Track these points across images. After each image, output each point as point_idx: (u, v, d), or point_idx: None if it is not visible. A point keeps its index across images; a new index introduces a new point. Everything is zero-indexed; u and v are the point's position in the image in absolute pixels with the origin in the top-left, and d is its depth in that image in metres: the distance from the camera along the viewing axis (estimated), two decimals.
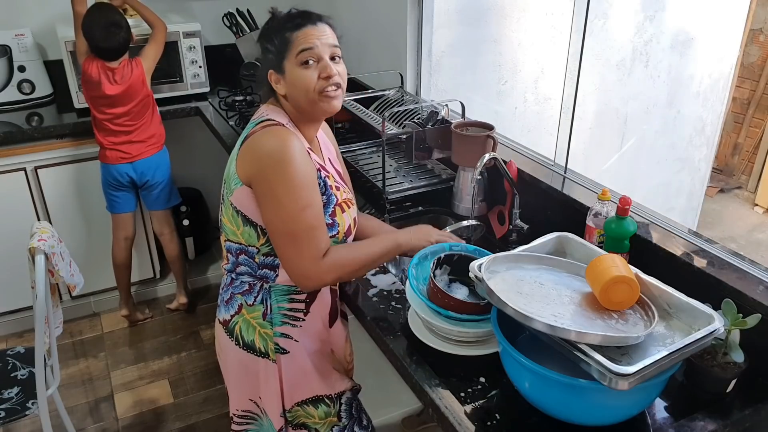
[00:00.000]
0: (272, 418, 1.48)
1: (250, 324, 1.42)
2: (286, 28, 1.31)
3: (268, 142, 1.28)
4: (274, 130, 1.30)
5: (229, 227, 1.38)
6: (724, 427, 1.13)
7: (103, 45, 2.48)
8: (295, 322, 1.43)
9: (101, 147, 2.67)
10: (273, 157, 1.26)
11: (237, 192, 1.32)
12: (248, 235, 1.35)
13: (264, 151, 1.27)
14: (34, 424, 2.46)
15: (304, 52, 1.29)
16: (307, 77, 1.30)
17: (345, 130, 2.55)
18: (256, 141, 1.29)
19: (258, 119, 1.35)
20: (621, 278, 1.10)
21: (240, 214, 1.33)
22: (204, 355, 2.84)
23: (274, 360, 1.43)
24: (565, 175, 1.84)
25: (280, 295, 1.41)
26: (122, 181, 2.70)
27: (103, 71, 2.52)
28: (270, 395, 1.46)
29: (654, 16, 2.98)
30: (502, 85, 2.78)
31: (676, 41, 3.12)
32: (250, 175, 1.29)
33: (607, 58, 2.92)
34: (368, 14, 2.66)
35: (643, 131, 3.23)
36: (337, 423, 1.53)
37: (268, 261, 1.37)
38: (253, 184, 1.29)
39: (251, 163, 1.29)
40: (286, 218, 1.27)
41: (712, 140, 3.62)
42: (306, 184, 1.27)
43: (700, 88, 3.35)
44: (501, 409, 1.17)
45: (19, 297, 2.83)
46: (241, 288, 1.42)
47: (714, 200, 5.10)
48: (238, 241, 1.37)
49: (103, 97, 2.53)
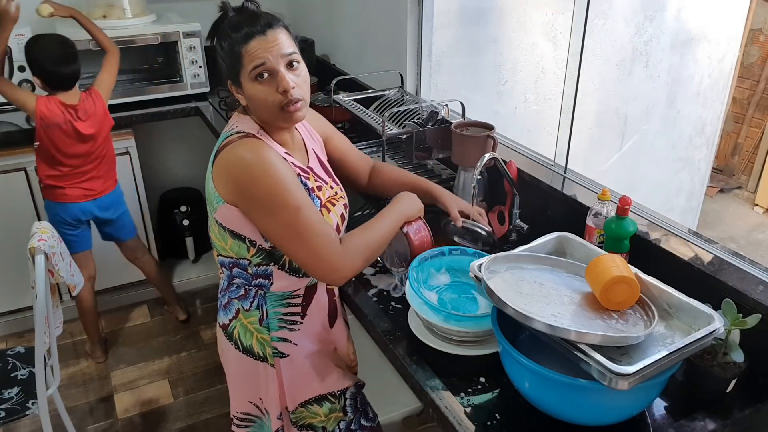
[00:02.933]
0: (272, 419, 1.48)
1: (248, 329, 1.42)
2: (234, 41, 1.24)
3: (241, 157, 1.23)
4: (245, 143, 1.25)
5: (217, 243, 1.36)
6: (724, 427, 1.13)
7: (64, 70, 2.32)
8: (293, 326, 1.42)
9: (55, 186, 2.47)
10: (250, 172, 1.22)
11: (221, 209, 1.29)
12: (237, 248, 1.33)
13: (239, 168, 1.23)
14: (34, 424, 2.46)
15: (256, 69, 1.23)
16: (263, 93, 1.25)
17: (345, 130, 2.55)
18: (229, 157, 1.25)
19: (228, 132, 1.31)
20: (621, 278, 1.10)
21: (226, 229, 1.31)
22: (204, 355, 2.84)
23: (273, 364, 1.42)
24: (565, 175, 1.84)
25: (276, 300, 1.40)
26: (82, 219, 2.55)
27: (66, 110, 2.36)
28: (270, 398, 1.46)
29: (654, 16, 2.98)
30: (502, 85, 2.78)
31: (676, 41, 3.12)
32: (231, 195, 1.26)
33: (607, 58, 2.92)
34: (368, 14, 2.66)
35: (643, 131, 3.23)
36: (343, 417, 1.53)
37: (261, 271, 1.35)
38: (238, 203, 1.26)
39: (229, 183, 1.25)
40: (285, 226, 1.24)
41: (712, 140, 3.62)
42: (289, 187, 1.24)
43: (700, 88, 3.35)
44: (501, 409, 1.17)
45: (19, 297, 2.83)
46: (237, 293, 1.41)
47: (714, 200, 5.10)
48: (228, 255, 1.36)
49: (74, 137, 2.39)
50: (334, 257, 1.27)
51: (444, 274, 1.48)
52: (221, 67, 1.31)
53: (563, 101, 1.84)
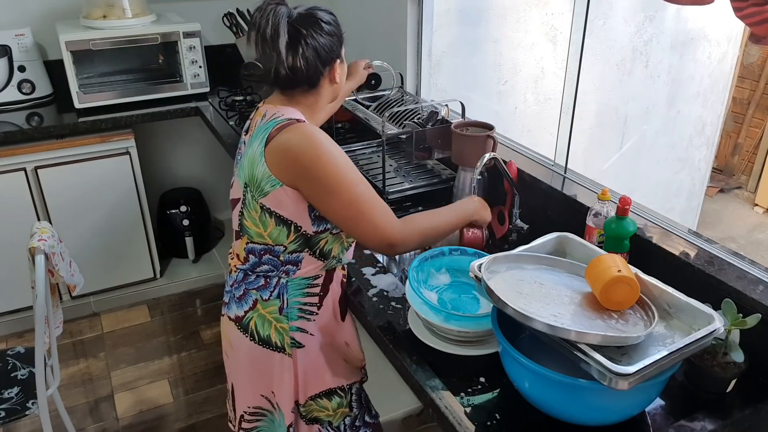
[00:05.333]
0: (285, 412, 1.50)
1: (266, 319, 1.43)
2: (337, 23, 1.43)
3: (300, 141, 1.29)
4: (300, 128, 1.31)
5: (254, 230, 1.38)
6: (724, 427, 1.13)
7: None
8: (310, 315, 1.45)
9: None
10: (311, 154, 1.28)
11: (274, 194, 1.32)
12: (278, 234, 1.36)
13: (300, 151, 1.29)
14: (34, 424, 2.46)
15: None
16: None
17: (345, 130, 2.55)
18: (286, 142, 1.30)
19: (275, 119, 1.34)
20: (621, 278, 1.10)
21: (273, 214, 1.34)
22: (204, 355, 2.84)
23: (290, 354, 1.45)
24: (565, 175, 1.85)
25: (297, 289, 1.43)
26: None
27: None
28: (284, 390, 1.48)
29: (654, 16, 2.99)
30: (502, 85, 2.78)
31: (676, 41, 3.13)
32: (292, 177, 1.30)
33: (607, 58, 2.92)
34: (368, 14, 2.66)
35: (643, 131, 3.23)
36: (349, 413, 1.57)
37: (293, 258, 1.39)
38: (300, 185, 1.31)
39: (290, 166, 1.30)
40: (347, 203, 1.30)
41: (712, 140, 3.62)
42: (347, 165, 1.31)
43: (700, 88, 3.35)
44: (501, 409, 1.17)
45: (19, 297, 2.83)
46: (256, 283, 1.43)
47: (714, 200, 5.10)
48: (263, 242, 1.38)
49: None
50: (392, 231, 1.33)
51: (444, 274, 1.48)
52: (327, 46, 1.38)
53: (563, 101, 1.84)
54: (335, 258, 1.45)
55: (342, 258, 1.48)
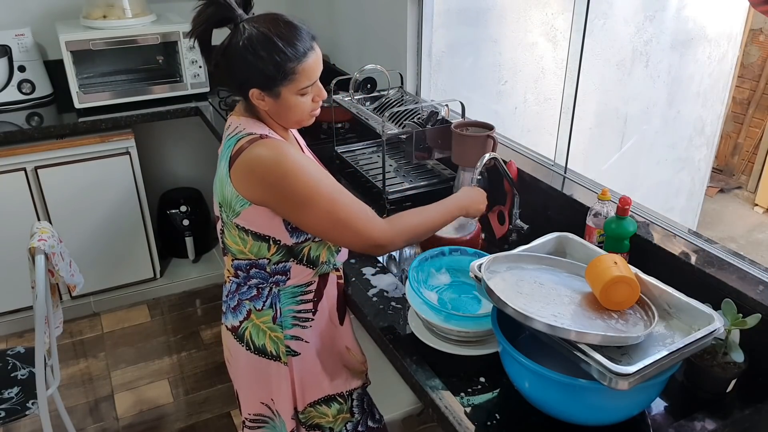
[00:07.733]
0: (285, 419, 1.49)
1: (260, 329, 1.42)
2: (288, 57, 1.20)
3: (266, 157, 1.23)
4: (264, 144, 1.24)
5: (235, 248, 1.36)
6: (724, 427, 1.13)
7: None
8: (305, 323, 1.43)
9: None
10: (277, 172, 1.22)
11: (245, 213, 1.28)
12: (257, 249, 1.34)
13: (266, 168, 1.22)
14: (34, 424, 2.46)
15: (308, 86, 1.25)
16: (304, 104, 1.28)
17: (345, 130, 2.55)
18: (251, 159, 1.23)
19: (237, 135, 1.28)
20: (621, 278, 1.10)
21: (249, 232, 1.31)
22: (204, 355, 2.84)
23: (286, 363, 1.44)
24: (565, 175, 1.84)
25: (289, 297, 1.41)
26: None
27: None
28: (282, 397, 1.47)
29: (654, 16, 2.98)
30: (502, 85, 2.77)
31: (676, 41, 3.12)
32: (260, 196, 1.26)
33: (607, 58, 2.92)
34: (368, 14, 2.66)
35: (643, 131, 3.23)
36: (351, 419, 1.55)
37: (280, 268, 1.37)
38: (269, 202, 1.26)
39: (256, 184, 1.25)
40: (323, 215, 1.26)
41: (712, 140, 3.62)
42: (319, 176, 1.26)
43: (700, 88, 3.35)
44: (501, 409, 1.17)
45: (19, 297, 2.83)
46: (248, 294, 1.42)
47: (714, 200, 5.10)
48: (246, 258, 1.37)
49: None
50: (376, 233, 1.29)
51: (444, 274, 1.48)
52: (249, 75, 1.23)
53: (563, 101, 1.84)
54: (326, 263, 1.42)
55: (334, 261, 1.45)
